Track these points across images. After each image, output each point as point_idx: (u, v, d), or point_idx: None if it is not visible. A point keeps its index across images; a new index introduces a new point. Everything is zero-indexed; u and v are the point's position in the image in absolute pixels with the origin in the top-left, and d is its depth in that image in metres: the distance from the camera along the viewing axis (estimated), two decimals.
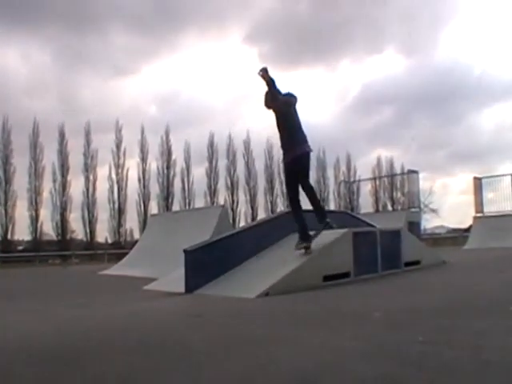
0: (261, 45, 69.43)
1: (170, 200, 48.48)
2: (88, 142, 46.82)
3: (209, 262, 7.49)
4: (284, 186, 50.62)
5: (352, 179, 48.69)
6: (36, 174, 44.99)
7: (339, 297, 6.03)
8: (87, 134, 46.99)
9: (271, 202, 51.35)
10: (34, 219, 44.72)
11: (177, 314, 5.51)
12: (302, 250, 7.26)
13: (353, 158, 55.55)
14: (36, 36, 59.60)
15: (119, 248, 39.29)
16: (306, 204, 7.43)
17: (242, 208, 50.67)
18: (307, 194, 7.29)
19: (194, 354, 3.25)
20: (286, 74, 57.95)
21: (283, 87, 7.25)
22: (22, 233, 46.35)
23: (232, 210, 48.68)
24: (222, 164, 50.81)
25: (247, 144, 51.35)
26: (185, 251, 7.36)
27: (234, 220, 46.90)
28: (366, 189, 45.20)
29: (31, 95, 58.26)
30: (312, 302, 5.64)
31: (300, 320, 4.47)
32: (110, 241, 47.79)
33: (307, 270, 6.89)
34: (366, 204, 38.83)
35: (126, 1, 59.10)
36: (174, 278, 7.99)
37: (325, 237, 7.40)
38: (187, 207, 47.09)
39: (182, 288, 7.29)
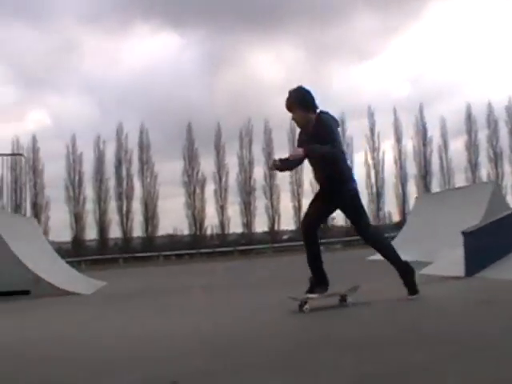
0: None
1: (428, 179, 47.30)
2: (343, 131, 48.15)
3: (490, 243, 7.03)
4: None
5: None
6: None
7: None
8: (342, 123, 48.29)
9: None
10: (297, 209, 47.42)
11: (463, 301, 5.31)
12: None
13: None
14: (286, 35, 63.06)
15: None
16: None
17: (509, 181, 46.92)
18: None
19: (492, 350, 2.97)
20: None
21: None
22: (287, 223, 49.52)
23: (497, 184, 45.36)
24: (482, 135, 47.83)
25: (510, 110, 47.26)
26: (464, 233, 7.04)
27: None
28: None
29: (285, 94, 61.73)
30: None
31: None
32: None
33: None
34: None
35: None
36: (450, 261, 7.72)
37: None
38: (447, 185, 45.27)
39: (460, 271, 6.99)
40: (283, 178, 47.26)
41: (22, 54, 55.83)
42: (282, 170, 5.49)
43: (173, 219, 65.36)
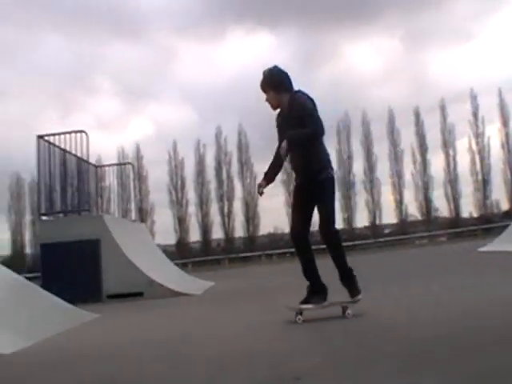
0: None
1: None
2: (444, 117, 46.61)
3: None
4: None
5: None
6: (396, 158, 46.68)
7: None
8: (442, 109, 46.80)
9: None
10: (399, 202, 46.36)
11: None
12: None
13: None
14: (379, 25, 61.95)
15: (487, 222, 37.84)
16: None
17: None
18: None
19: None
20: None
21: None
22: (388, 216, 48.59)
23: None
24: None
25: None
26: None
27: None
28: None
29: (382, 85, 61.03)
30: None
31: None
32: (475, 215, 46.45)
33: None
34: None
35: None
36: None
37: None
38: None
39: None
40: (383, 171, 46.52)
41: (123, 67, 58.93)
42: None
43: (273, 218, 66.02)
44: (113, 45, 62.49)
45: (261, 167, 49.75)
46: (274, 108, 5.28)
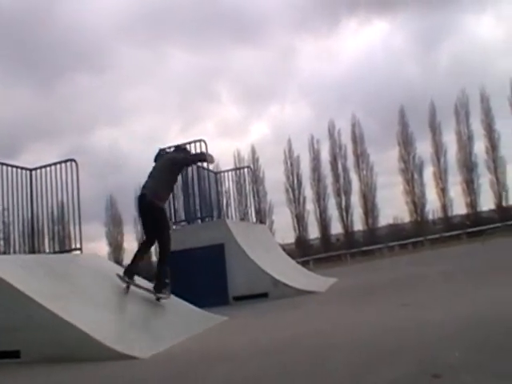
0: None
1: None
2: None
3: None
4: None
5: None
6: None
7: None
8: None
9: None
10: None
11: None
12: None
13: None
14: None
15: None
16: None
17: None
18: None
19: None
20: None
21: None
22: None
23: None
24: None
25: None
26: None
27: None
28: None
29: (504, 55, 57.78)
30: None
31: None
32: None
33: None
34: None
35: None
36: None
37: None
38: None
39: None
40: (508, 148, 43.86)
41: (244, 72, 60.59)
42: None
43: (393, 208, 64.60)
44: (233, 50, 64.49)
45: (378, 157, 49.00)
46: None
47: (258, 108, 69.01)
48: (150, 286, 7.59)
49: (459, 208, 45.94)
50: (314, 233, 48.69)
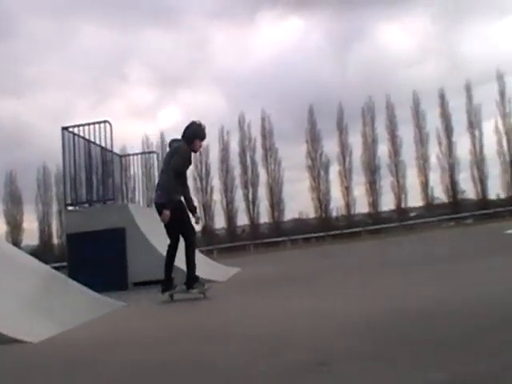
0: None
1: None
2: (470, 98, 45.97)
3: None
4: None
5: None
6: (421, 141, 46.23)
7: None
8: (468, 90, 46.14)
9: None
10: (424, 185, 45.97)
11: None
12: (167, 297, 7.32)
13: None
14: (412, 3, 60.94)
15: None
16: None
17: None
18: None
19: None
20: None
21: None
22: (414, 199, 48.23)
23: None
24: None
25: None
26: None
27: None
28: None
29: (411, 66, 60.34)
30: None
31: None
32: (502, 196, 45.81)
33: None
34: None
35: None
36: None
37: None
38: None
39: None
40: (408, 153, 46.08)
41: (156, 55, 59.27)
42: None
43: (299, 203, 66.00)
44: (145, 32, 63.04)
45: (286, 152, 49.82)
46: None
47: (170, 93, 68.34)
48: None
49: (362, 207, 47.70)
50: (220, 223, 48.91)
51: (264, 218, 48.48)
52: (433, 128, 46.43)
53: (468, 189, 46.60)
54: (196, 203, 7.97)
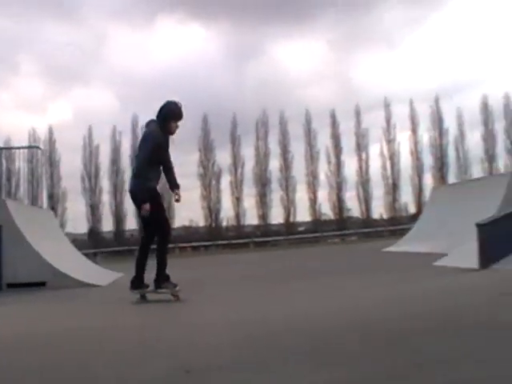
0: None
1: (444, 170, 47.02)
2: (359, 122, 48.11)
3: (504, 235, 7.00)
4: None
5: None
6: (312, 158, 47.77)
7: None
8: (357, 115, 48.24)
9: None
10: (313, 201, 47.45)
11: (486, 292, 5.32)
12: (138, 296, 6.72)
13: None
14: (311, 27, 62.87)
15: (395, 224, 39.36)
16: None
17: None
18: None
19: None
20: None
21: None
22: (302, 215, 49.59)
23: None
24: (500, 126, 47.41)
25: None
26: (478, 225, 7.00)
27: None
28: None
29: (306, 85, 62.13)
30: None
31: None
32: (385, 217, 48.25)
33: None
34: None
35: None
36: (465, 253, 7.68)
37: None
38: (463, 176, 44.97)
39: (474, 263, 6.98)
40: (299, 169, 47.40)
41: (50, 48, 56.70)
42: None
43: (189, 211, 65.66)
44: (41, 24, 59.85)
45: (178, 159, 49.35)
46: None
47: (62, 88, 65.58)
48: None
49: (252, 219, 48.30)
50: (108, 226, 47.61)
51: None
52: (323, 147, 48.12)
53: (354, 207, 48.64)
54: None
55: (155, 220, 6.57)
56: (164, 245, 6.68)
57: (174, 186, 6.85)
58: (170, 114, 6.64)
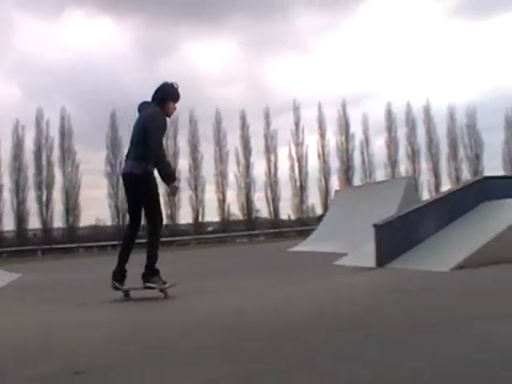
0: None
1: (350, 173, 48.68)
2: (268, 124, 48.77)
3: (399, 235, 7.38)
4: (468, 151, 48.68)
5: None
6: (221, 159, 47.91)
7: None
8: (266, 117, 48.89)
9: (456, 169, 49.42)
10: (222, 201, 47.62)
11: (379, 290, 5.57)
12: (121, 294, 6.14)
13: None
14: (224, 28, 63.01)
15: (302, 225, 40.27)
16: None
17: (425, 177, 49.44)
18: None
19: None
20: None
21: None
22: (211, 215, 49.68)
23: (414, 179, 47.41)
24: (402, 133, 49.81)
25: (427, 110, 49.67)
26: (375, 226, 7.32)
27: (416, 190, 45.72)
28: None
29: (217, 86, 62.19)
30: None
31: None
32: (293, 218, 49.23)
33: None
34: None
35: None
36: (363, 253, 7.99)
37: None
38: (368, 180, 46.81)
39: (372, 262, 7.30)
40: (208, 169, 47.42)
41: None
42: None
43: (98, 210, 63.99)
44: None
45: (86, 156, 47.99)
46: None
47: None
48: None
49: None
50: (9, 225, 45.46)
51: (58, 223, 46.12)
52: (233, 147, 48.42)
53: (262, 208, 49.30)
54: None
55: (153, 209, 6.09)
56: (156, 237, 6.12)
57: (172, 175, 6.35)
58: (167, 96, 6.35)
